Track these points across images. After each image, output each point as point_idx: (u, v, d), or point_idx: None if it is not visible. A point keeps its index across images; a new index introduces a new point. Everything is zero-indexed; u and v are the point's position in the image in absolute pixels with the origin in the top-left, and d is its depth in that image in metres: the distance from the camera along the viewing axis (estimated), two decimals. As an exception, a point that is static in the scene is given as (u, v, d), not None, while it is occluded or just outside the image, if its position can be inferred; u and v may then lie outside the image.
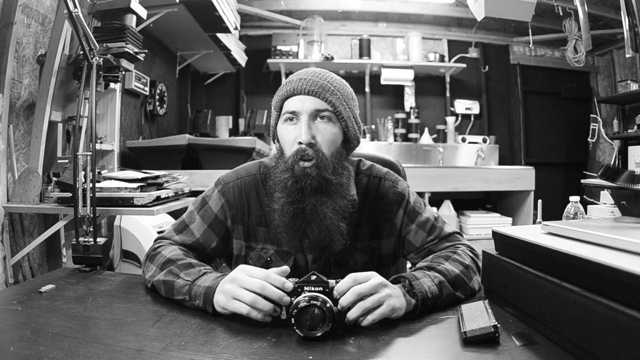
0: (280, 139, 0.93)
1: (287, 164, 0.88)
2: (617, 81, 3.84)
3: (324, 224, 0.87)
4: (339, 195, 0.90)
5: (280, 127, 0.92)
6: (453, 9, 3.85)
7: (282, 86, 0.93)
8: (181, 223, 1.00)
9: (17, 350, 0.61)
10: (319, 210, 0.87)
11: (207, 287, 0.77)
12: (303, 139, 0.86)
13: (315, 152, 0.87)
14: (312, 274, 0.72)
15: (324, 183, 0.87)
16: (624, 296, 0.53)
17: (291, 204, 0.87)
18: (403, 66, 3.92)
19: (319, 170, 0.86)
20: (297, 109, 0.89)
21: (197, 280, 0.80)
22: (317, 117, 0.89)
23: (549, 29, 3.77)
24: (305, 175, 0.86)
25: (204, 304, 0.77)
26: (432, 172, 3.31)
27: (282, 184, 0.88)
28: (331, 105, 0.89)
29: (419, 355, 0.64)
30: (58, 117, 1.93)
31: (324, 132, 0.89)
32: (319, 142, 0.88)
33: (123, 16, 1.70)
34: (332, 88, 0.90)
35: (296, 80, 0.91)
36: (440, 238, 0.98)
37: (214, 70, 4.00)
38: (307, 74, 0.92)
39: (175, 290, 0.82)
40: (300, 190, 0.87)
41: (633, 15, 2.07)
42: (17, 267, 1.84)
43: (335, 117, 0.91)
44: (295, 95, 0.89)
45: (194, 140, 2.76)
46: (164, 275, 0.85)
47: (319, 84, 0.90)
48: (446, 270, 0.84)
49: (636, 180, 1.47)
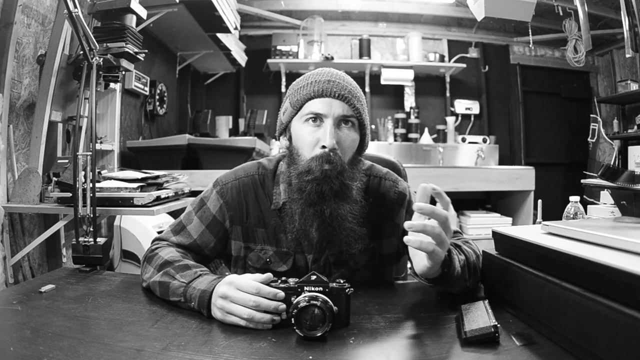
0: (297, 139, 0.91)
1: (307, 166, 0.86)
2: (617, 81, 3.84)
3: (343, 228, 0.87)
4: (353, 200, 0.90)
5: (299, 126, 0.90)
6: (453, 9, 3.85)
7: (306, 84, 0.90)
8: (179, 224, 0.99)
9: (17, 350, 0.61)
10: (339, 214, 0.87)
11: (202, 290, 0.77)
12: (328, 144, 0.85)
13: (337, 157, 0.86)
14: (312, 274, 0.72)
15: (343, 188, 0.87)
16: (624, 296, 0.53)
17: (311, 206, 0.87)
18: (403, 66, 3.92)
19: (339, 175, 0.86)
20: (323, 112, 0.87)
21: (192, 282, 0.80)
22: (342, 123, 0.88)
23: (549, 29, 3.77)
24: (326, 179, 0.85)
25: (198, 307, 0.77)
26: (432, 172, 3.31)
27: (301, 185, 0.87)
28: (357, 113, 0.89)
29: (419, 355, 0.64)
30: (58, 117, 1.93)
31: (346, 139, 0.88)
32: (341, 147, 0.87)
33: (123, 16, 1.70)
34: (358, 95, 0.90)
35: (324, 81, 0.89)
36: None
37: (214, 70, 4.00)
38: (334, 76, 0.90)
39: (170, 292, 0.82)
40: (321, 193, 0.85)
41: (633, 15, 2.07)
42: (17, 267, 1.84)
43: (358, 124, 0.91)
44: (324, 97, 0.88)
45: (194, 140, 2.77)
46: (160, 276, 0.85)
47: (347, 88, 0.88)
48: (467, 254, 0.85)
49: (636, 180, 1.47)
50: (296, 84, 0.94)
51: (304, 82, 0.91)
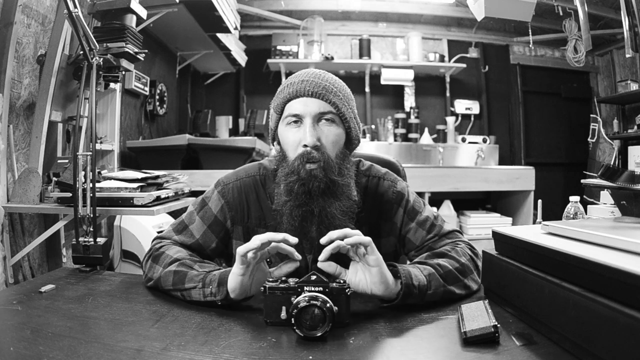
0: (283, 142, 0.92)
1: (292, 167, 0.88)
2: (617, 81, 3.84)
3: (333, 225, 0.87)
4: (344, 196, 0.90)
5: (283, 130, 0.92)
6: (453, 9, 3.85)
7: (283, 88, 0.92)
8: (180, 223, 1.00)
9: (17, 350, 0.61)
10: (328, 212, 0.87)
11: (222, 272, 0.81)
12: (308, 142, 0.86)
13: (320, 154, 0.87)
14: (312, 274, 0.72)
15: (331, 184, 0.87)
16: (624, 296, 0.53)
17: (299, 207, 0.87)
18: (403, 66, 3.92)
19: (326, 172, 0.86)
20: (300, 112, 0.88)
21: (212, 271, 0.83)
22: (321, 120, 0.89)
23: (549, 29, 3.77)
24: (312, 178, 0.86)
25: (217, 287, 0.79)
26: (432, 172, 3.31)
27: (288, 187, 0.88)
28: (335, 107, 0.89)
29: (419, 355, 0.64)
30: (58, 117, 1.93)
31: (328, 134, 0.89)
32: (323, 144, 0.88)
33: (123, 16, 1.70)
34: (334, 89, 0.90)
35: (298, 82, 0.90)
36: (439, 235, 0.98)
37: (214, 70, 4.00)
38: (308, 76, 0.91)
39: (187, 279, 0.83)
40: (308, 192, 0.86)
41: (633, 15, 2.07)
42: (17, 267, 1.84)
43: (339, 119, 0.91)
44: (298, 97, 0.89)
45: (194, 140, 2.77)
46: (176, 266, 0.86)
47: (322, 85, 0.89)
48: (438, 264, 0.85)
49: (636, 180, 1.47)
50: (278, 90, 0.95)
51: (283, 86, 0.93)
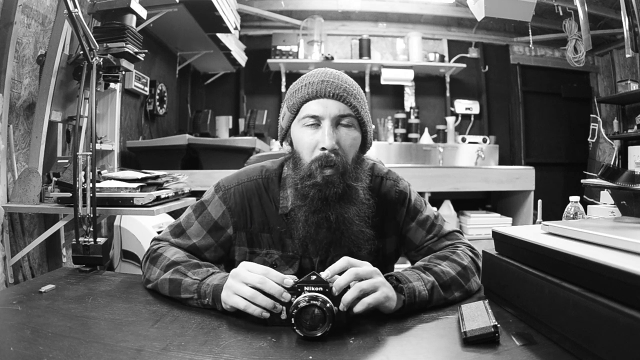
0: (297, 143, 0.89)
1: (307, 170, 0.85)
2: (617, 81, 3.84)
3: (351, 231, 0.85)
4: (360, 200, 0.88)
5: (297, 131, 0.89)
6: (453, 9, 3.85)
7: (300, 87, 0.89)
8: (177, 227, 0.98)
9: (17, 350, 0.61)
10: (346, 218, 0.85)
11: (216, 285, 0.78)
12: (327, 145, 0.83)
13: (338, 158, 0.84)
14: (312, 274, 0.71)
15: (348, 189, 0.85)
16: (624, 296, 0.53)
17: (315, 213, 0.85)
18: (403, 66, 3.92)
19: (343, 177, 0.84)
20: (319, 114, 0.85)
21: (206, 279, 0.80)
22: (340, 122, 0.86)
23: (549, 29, 3.77)
24: (329, 184, 0.83)
25: (213, 302, 0.77)
26: (432, 172, 3.31)
27: (303, 192, 0.85)
28: (354, 111, 0.87)
29: (419, 355, 0.64)
30: (58, 117, 1.93)
31: (346, 138, 0.87)
32: (342, 147, 0.85)
33: (123, 16, 1.70)
34: (353, 92, 0.88)
35: (318, 82, 0.87)
36: (439, 236, 0.98)
37: (214, 70, 4.00)
38: (327, 76, 0.88)
39: (182, 288, 0.81)
40: (324, 199, 0.84)
41: (633, 15, 2.07)
42: (17, 267, 1.83)
43: (357, 122, 0.89)
44: (318, 98, 0.86)
45: (194, 140, 2.77)
46: (171, 274, 0.84)
47: (342, 87, 0.86)
48: (442, 271, 0.84)
49: (636, 180, 1.47)
50: (292, 87, 0.92)
51: (299, 84, 0.90)
